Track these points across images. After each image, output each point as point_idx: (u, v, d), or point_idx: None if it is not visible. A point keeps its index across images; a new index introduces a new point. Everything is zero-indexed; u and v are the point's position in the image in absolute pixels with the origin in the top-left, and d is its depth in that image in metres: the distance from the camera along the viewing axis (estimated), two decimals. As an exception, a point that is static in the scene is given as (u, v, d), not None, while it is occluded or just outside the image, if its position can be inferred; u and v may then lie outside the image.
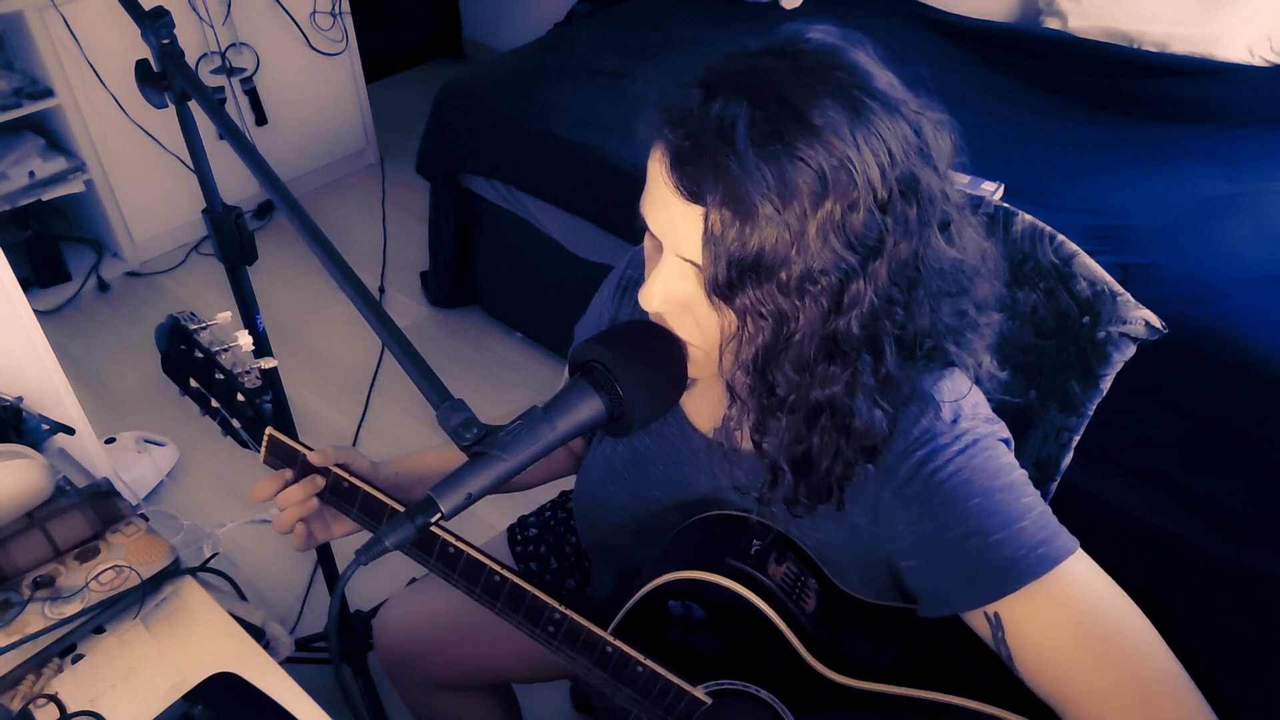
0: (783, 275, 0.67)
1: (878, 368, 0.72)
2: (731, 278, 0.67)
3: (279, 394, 1.38)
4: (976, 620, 0.74)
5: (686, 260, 0.71)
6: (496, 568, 0.85)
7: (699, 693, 0.81)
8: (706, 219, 0.67)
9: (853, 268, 0.68)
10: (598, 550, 1.11)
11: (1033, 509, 0.73)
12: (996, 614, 0.72)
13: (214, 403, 0.99)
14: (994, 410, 0.81)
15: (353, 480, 0.91)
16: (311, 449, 0.93)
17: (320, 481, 0.92)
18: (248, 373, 0.97)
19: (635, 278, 1.01)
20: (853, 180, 0.65)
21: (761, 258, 0.66)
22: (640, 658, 0.82)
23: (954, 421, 0.75)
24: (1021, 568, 0.70)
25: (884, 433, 0.74)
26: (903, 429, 0.76)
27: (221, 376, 0.96)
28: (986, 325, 0.79)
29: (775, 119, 0.65)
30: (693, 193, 0.67)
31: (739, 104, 0.65)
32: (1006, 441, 0.78)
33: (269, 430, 0.95)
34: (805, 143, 0.64)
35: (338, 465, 0.93)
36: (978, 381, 0.81)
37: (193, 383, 0.99)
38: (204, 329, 0.99)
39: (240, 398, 0.95)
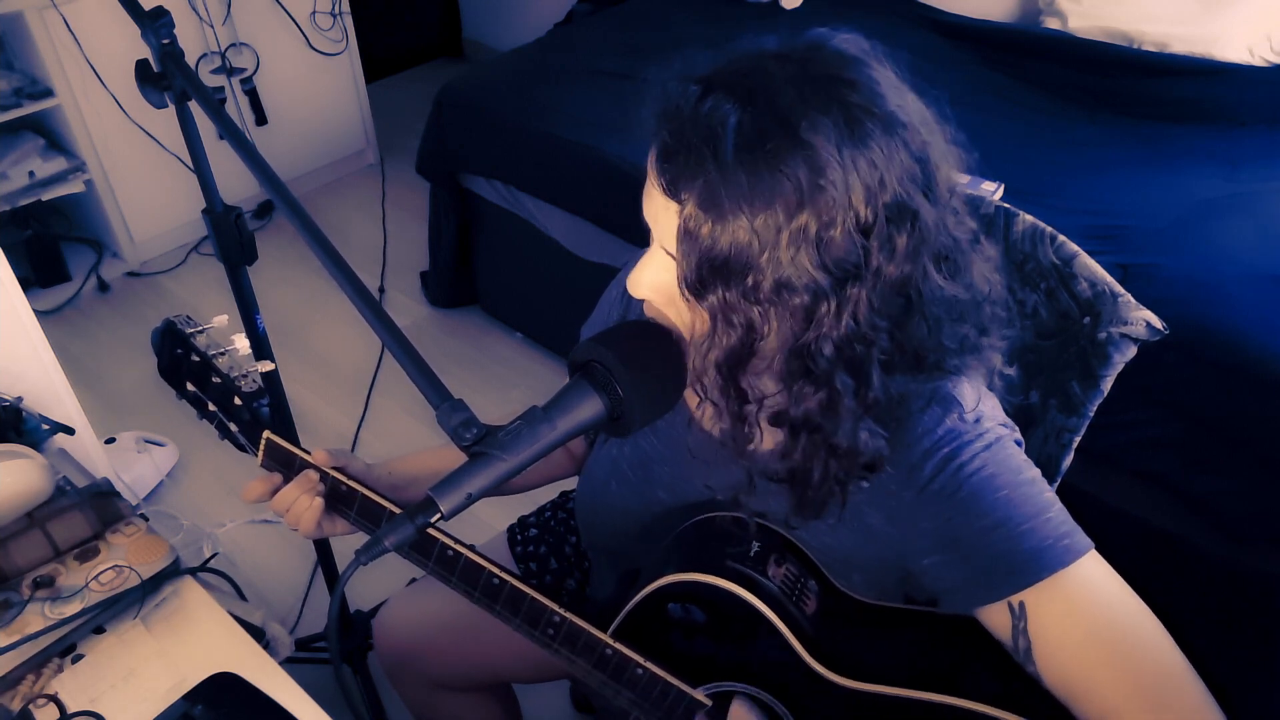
0: (750, 281, 0.67)
1: (861, 392, 0.72)
2: (701, 275, 0.68)
3: (279, 395, 1.38)
4: (997, 613, 0.74)
5: (669, 253, 0.72)
6: (495, 570, 0.85)
7: (699, 695, 0.81)
8: (682, 215, 0.67)
9: (823, 288, 0.67)
10: (600, 551, 1.11)
11: (1054, 504, 0.74)
12: (1021, 603, 0.72)
13: (211, 406, 0.99)
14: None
15: (350, 483, 0.91)
16: (309, 453, 0.93)
17: (314, 477, 0.91)
18: (244, 376, 0.97)
19: None
20: (833, 199, 0.64)
21: (730, 261, 0.66)
22: (640, 660, 0.82)
23: (976, 420, 0.76)
24: (1050, 556, 0.71)
25: (878, 452, 0.74)
26: (927, 429, 0.76)
27: (218, 380, 0.96)
28: (990, 348, 0.79)
29: (762, 125, 0.64)
30: (671, 188, 0.67)
31: (729, 105, 0.65)
32: (1019, 444, 0.79)
33: (266, 434, 0.95)
34: (788, 153, 0.63)
35: (333, 468, 0.93)
36: (990, 386, 0.81)
37: (189, 386, 0.99)
38: (200, 332, 0.99)
39: (237, 401, 0.95)
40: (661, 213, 0.70)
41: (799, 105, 0.64)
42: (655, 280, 0.75)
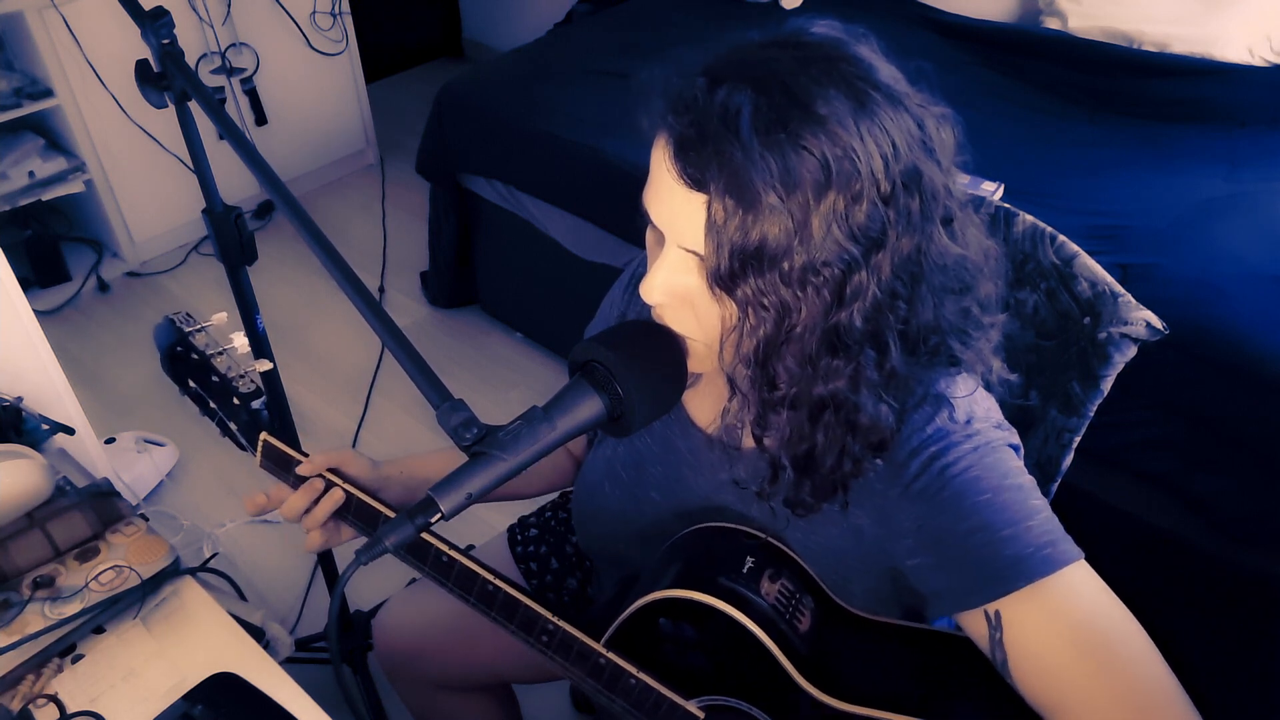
0: (785, 265, 0.67)
1: (882, 363, 0.72)
2: (733, 267, 0.67)
3: (279, 395, 1.38)
4: (975, 622, 0.73)
5: (688, 251, 0.71)
6: (490, 577, 0.85)
7: (692, 707, 0.80)
8: (709, 207, 0.67)
9: (855, 259, 0.67)
10: (596, 554, 1.11)
11: (1040, 511, 0.73)
12: (997, 613, 0.72)
13: (211, 404, 0.99)
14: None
15: (345, 486, 0.91)
16: (307, 455, 0.93)
17: (318, 485, 0.91)
18: (242, 376, 0.97)
19: (642, 275, 1.00)
20: (856, 171, 0.65)
21: (764, 247, 0.66)
22: (634, 671, 0.81)
23: (967, 422, 0.76)
24: (1028, 565, 0.70)
25: (891, 427, 0.74)
26: (916, 428, 0.75)
27: (216, 379, 0.96)
28: (991, 325, 0.79)
29: (780, 108, 0.65)
30: (696, 180, 0.67)
31: (743, 92, 0.65)
32: (1016, 448, 0.78)
33: (264, 435, 0.94)
34: (810, 132, 0.64)
35: (331, 470, 0.92)
36: (988, 386, 0.80)
37: (190, 383, 0.99)
38: (199, 330, 0.99)
39: (235, 401, 0.95)
40: (683, 208, 0.69)
41: (810, 85, 0.65)
42: (671, 282, 0.73)
